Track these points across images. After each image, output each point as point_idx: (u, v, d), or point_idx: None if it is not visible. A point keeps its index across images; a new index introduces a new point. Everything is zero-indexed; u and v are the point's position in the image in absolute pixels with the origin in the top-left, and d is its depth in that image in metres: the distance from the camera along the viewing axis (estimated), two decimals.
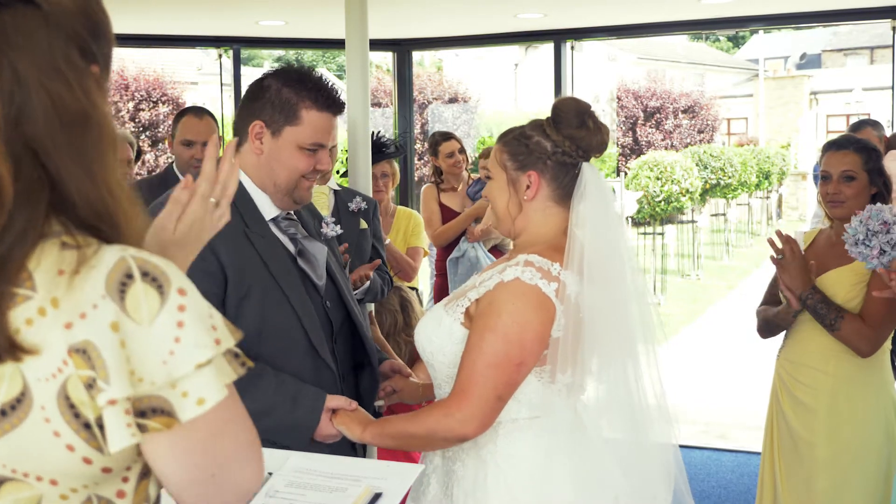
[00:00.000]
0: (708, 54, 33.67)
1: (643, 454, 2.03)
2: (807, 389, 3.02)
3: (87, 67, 1.03)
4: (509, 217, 2.07)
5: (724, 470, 5.25)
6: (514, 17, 5.70)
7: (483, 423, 1.92)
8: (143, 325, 0.94)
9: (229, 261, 2.06)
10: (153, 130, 15.14)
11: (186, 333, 0.95)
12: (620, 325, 1.99)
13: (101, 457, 0.96)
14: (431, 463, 2.09)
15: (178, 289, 0.96)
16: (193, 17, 5.69)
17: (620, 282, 2.01)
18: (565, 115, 2.02)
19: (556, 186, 2.03)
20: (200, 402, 0.96)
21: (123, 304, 0.93)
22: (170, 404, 0.95)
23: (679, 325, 10.73)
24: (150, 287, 0.95)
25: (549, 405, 1.99)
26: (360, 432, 2.02)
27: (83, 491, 0.99)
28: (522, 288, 1.92)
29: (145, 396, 0.94)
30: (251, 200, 2.18)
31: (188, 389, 0.95)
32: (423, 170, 15.89)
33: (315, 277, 2.21)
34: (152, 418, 0.95)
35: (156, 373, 0.94)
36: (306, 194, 2.20)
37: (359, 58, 3.77)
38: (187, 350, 0.95)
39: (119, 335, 0.93)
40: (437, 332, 2.03)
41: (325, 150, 2.19)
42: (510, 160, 2.05)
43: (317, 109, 2.14)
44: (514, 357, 1.90)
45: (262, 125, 2.15)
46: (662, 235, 14.44)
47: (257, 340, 2.08)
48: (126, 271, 0.95)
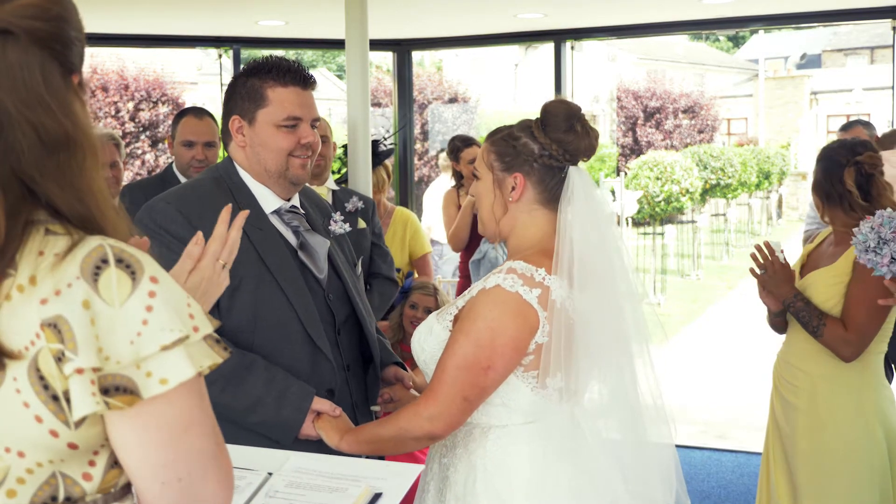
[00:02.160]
0: (708, 54, 33.67)
1: (642, 456, 2.03)
2: (790, 387, 3.05)
3: (69, 81, 1.06)
4: (493, 218, 2.06)
5: (724, 470, 5.24)
6: (514, 17, 5.70)
7: (449, 423, 1.93)
8: (114, 306, 0.98)
9: None
10: (153, 130, 15.13)
11: (154, 317, 0.99)
12: (613, 328, 1.99)
13: (68, 431, 0.99)
14: (431, 471, 2.10)
15: (150, 276, 1.01)
16: (193, 17, 5.69)
17: (611, 285, 2.01)
18: (554, 118, 2.01)
19: (542, 189, 2.02)
20: (163, 381, 0.99)
21: (96, 286, 0.98)
22: (133, 383, 0.98)
23: (679, 325, 10.73)
24: (122, 272, 0.99)
25: (541, 411, 1.99)
26: (338, 441, 2.05)
27: (48, 466, 1.02)
28: (502, 295, 1.92)
29: (110, 374, 0.98)
30: (250, 194, 2.22)
31: (152, 370, 0.99)
32: (423, 170, 15.90)
33: (315, 270, 2.23)
34: (115, 396, 0.98)
35: (122, 352, 0.98)
36: (300, 172, 2.22)
37: (359, 58, 3.78)
38: (154, 332, 0.99)
39: (90, 313, 0.97)
40: (429, 340, 2.04)
41: (305, 124, 2.21)
42: (497, 160, 2.04)
43: (281, 85, 2.19)
44: (483, 361, 1.90)
45: (239, 118, 2.22)
46: (662, 235, 14.44)
47: (251, 330, 2.11)
48: (102, 257, 1.00)
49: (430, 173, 16.34)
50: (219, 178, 2.24)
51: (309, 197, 2.41)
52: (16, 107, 1.00)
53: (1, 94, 1.00)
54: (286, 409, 2.05)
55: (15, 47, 1.01)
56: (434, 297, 3.91)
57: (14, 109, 1.00)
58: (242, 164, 2.24)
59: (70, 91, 1.06)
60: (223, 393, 2.03)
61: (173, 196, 2.19)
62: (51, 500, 1.03)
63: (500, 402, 1.97)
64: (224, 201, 2.17)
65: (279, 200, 2.24)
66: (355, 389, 2.30)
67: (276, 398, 2.05)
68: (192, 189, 2.23)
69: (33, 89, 1.01)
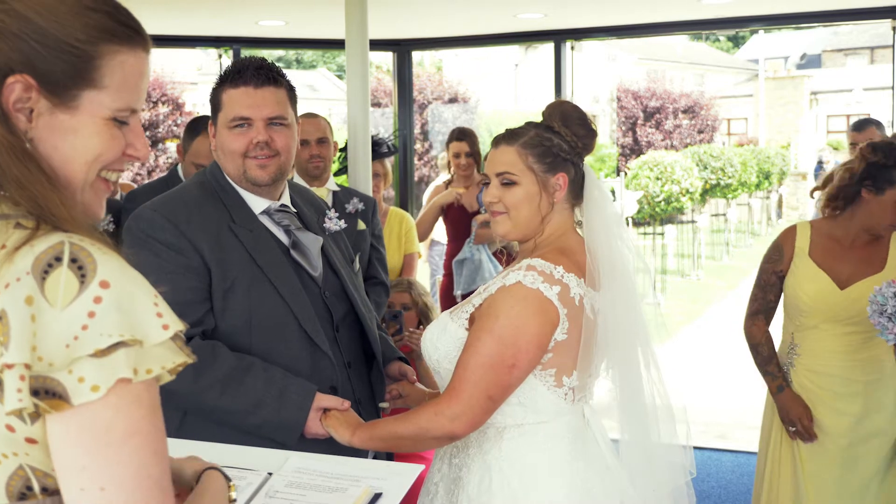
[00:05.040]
0: (708, 54, 33.68)
1: (651, 457, 2.04)
2: (839, 396, 3.06)
3: (35, 100, 1.06)
4: (540, 217, 2.04)
5: (724, 470, 5.25)
6: (514, 17, 5.70)
7: (472, 422, 1.92)
8: (56, 308, 0.97)
9: (212, 255, 2.10)
10: (153, 130, 15.14)
11: (95, 322, 0.97)
12: (630, 326, 2.00)
13: (23, 426, 0.98)
14: (439, 472, 2.09)
15: (100, 281, 0.98)
16: (193, 17, 5.69)
17: (630, 283, 2.02)
18: (571, 118, 2.05)
19: (572, 188, 2.05)
20: (95, 388, 0.97)
21: (42, 285, 0.97)
22: (63, 387, 0.96)
23: (679, 326, 10.72)
24: (72, 273, 0.98)
25: (555, 410, 1.99)
26: (349, 436, 2.01)
27: (13, 458, 1.01)
28: (523, 292, 1.92)
29: (41, 376, 0.96)
30: (238, 196, 2.23)
31: (84, 375, 0.96)
32: (423, 170, 15.90)
33: (310, 268, 2.23)
34: (44, 399, 0.96)
35: (56, 354, 0.96)
36: (259, 173, 2.20)
37: (359, 58, 3.78)
38: (91, 337, 0.96)
39: (31, 309, 0.96)
40: (443, 339, 2.03)
41: (259, 123, 2.18)
42: (537, 162, 2.03)
43: (232, 87, 2.19)
44: (508, 359, 1.90)
45: (212, 125, 2.26)
46: (662, 235, 14.45)
47: (247, 331, 2.11)
48: (56, 255, 0.98)
49: (430, 173, 16.36)
50: (205, 182, 2.25)
51: (301, 194, 2.40)
52: None
53: None
54: (287, 409, 2.03)
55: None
56: (408, 292, 3.84)
57: None
58: (222, 167, 2.26)
59: (35, 109, 1.06)
60: (222, 396, 2.02)
61: (159, 203, 2.19)
62: (26, 489, 1.02)
63: (517, 401, 1.97)
64: (211, 205, 2.18)
65: (267, 200, 2.24)
66: (358, 387, 2.29)
67: (277, 398, 2.03)
68: (178, 195, 2.23)
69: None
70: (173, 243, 2.08)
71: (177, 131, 15.29)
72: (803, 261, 3.07)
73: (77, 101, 1.07)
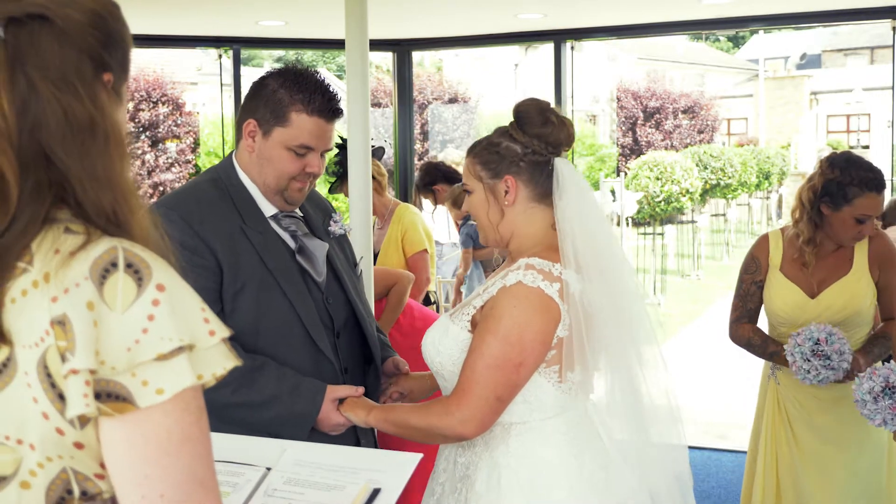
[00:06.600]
0: (708, 54, 33.67)
1: (650, 454, 2.05)
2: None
3: (99, 77, 1.08)
4: (492, 226, 2.08)
5: (724, 470, 5.25)
6: (514, 17, 5.71)
7: (482, 424, 1.94)
8: (116, 311, 0.98)
9: (224, 256, 2.11)
10: (153, 130, 15.13)
11: (155, 326, 0.98)
12: (622, 317, 2.01)
13: (73, 430, 0.99)
14: (444, 472, 2.11)
15: (157, 284, 1.00)
16: (193, 17, 5.70)
17: (618, 272, 2.04)
18: (528, 116, 2.05)
19: (534, 186, 2.05)
20: (160, 391, 0.98)
21: (101, 289, 0.98)
22: (127, 390, 0.98)
23: (679, 326, 10.73)
24: (129, 278, 0.99)
25: (560, 405, 2.01)
26: (365, 416, 2.07)
27: (58, 461, 1.02)
28: (524, 291, 1.93)
29: (104, 380, 0.98)
30: (250, 197, 2.22)
31: (148, 378, 0.98)
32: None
33: (315, 274, 2.24)
34: (106, 403, 0.98)
35: (118, 358, 0.97)
36: (297, 195, 2.22)
37: (359, 58, 3.78)
38: (152, 341, 0.98)
39: (93, 314, 0.97)
40: (444, 342, 2.05)
41: (315, 154, 2.19)
42: (483, 169, 2.07)
43: (307, 114, 2.15)
44: (514, 358, 1.92)
45: (255, 124, 2.19)
46: (662, 235, 14.46)
47: (255, 333, 2.12)
48: (112, 260, 1.00)
49: None
50: (217, 179, 2.23)
51: (309, 197, 2.41)
52: (45, 86, 1.03)
53: (32, 73, 1.02)
54: (300, 401, 2.07)
55: (49, 32, 1.04)
56: None
57: (44, 88, 1.03)
58: (246, 167, 2.22)
59: (98, 83, 1.08)
60: (236, 394, 2.04)
61: (174, 202, 2.19)
62: (66, 493, 1.03)
63: (522, 399, 1.99)
64: (224, 205, 2.18)
65: (277, 205, 2.24)
66: None
67: (290, 392, 2.07)
68: (192, 193, 2.22)
69: (63, 73, 1.04)
70: (187, 242, 2.08)
71: (177, 131, 15.29)
72: (775, 275, 3.13)
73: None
